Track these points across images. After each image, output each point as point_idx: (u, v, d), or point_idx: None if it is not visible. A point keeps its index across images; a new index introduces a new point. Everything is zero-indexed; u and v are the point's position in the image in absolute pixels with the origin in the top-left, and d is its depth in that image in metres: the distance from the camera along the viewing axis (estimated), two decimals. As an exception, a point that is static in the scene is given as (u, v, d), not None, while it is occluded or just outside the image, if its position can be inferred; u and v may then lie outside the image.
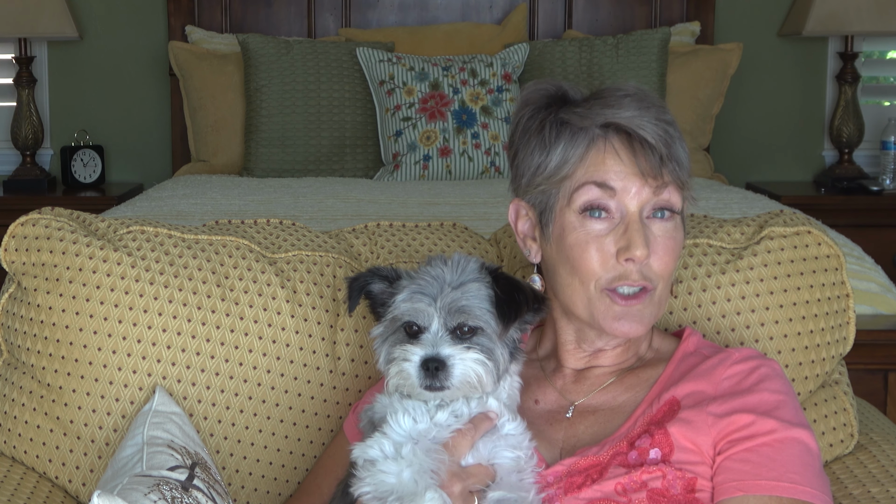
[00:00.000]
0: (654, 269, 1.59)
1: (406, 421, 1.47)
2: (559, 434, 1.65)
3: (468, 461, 1.49)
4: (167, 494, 1.52)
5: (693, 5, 4.85)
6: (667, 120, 1.60)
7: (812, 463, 1.53)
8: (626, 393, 1.66)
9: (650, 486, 1.52)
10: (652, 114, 1.58)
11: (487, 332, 1.48)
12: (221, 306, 1.84)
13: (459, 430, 1.48)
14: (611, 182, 1.57)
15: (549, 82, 1.66)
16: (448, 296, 1.47)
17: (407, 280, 1.52)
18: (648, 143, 1.56)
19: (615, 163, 1.58)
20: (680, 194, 1.61)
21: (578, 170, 1.59)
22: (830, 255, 1.90)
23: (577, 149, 1.60)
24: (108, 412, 1.80)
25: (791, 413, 1.56)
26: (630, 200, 1.58)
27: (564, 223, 1.61)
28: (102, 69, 4.90)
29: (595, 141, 1.59)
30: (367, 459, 1.45)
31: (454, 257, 1.53)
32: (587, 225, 1.59)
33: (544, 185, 1.62)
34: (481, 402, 1.51)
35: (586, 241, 1.59)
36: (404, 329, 1.49)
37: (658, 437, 1.55)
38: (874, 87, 5.14)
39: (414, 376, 1.45)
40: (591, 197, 1.58)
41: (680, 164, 1.59)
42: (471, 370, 1.45)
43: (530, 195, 1.65)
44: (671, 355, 1.68)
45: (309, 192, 3.90)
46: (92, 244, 1.83)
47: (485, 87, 4.39)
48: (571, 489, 1.54)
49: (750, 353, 1.63)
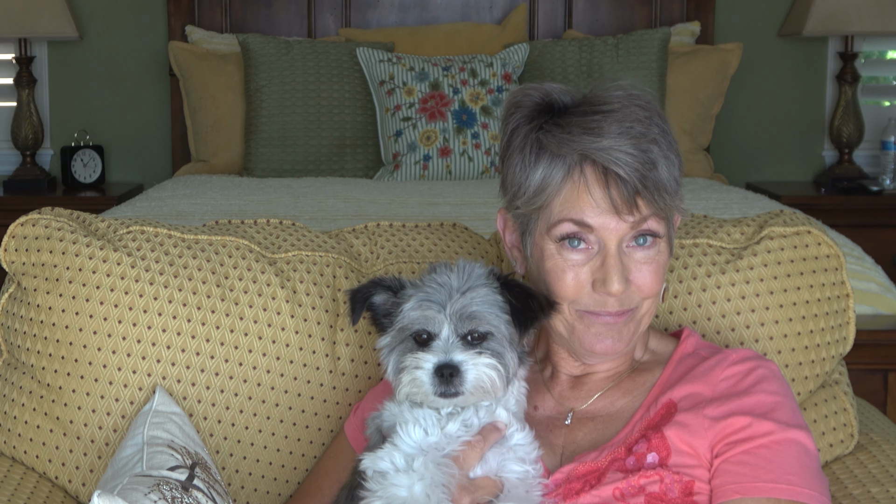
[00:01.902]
0: (637, 293, 1.58)
1: (417, 432, 1.46)
2: (559, 440, 1.65)
3: (477, 473, 1.49)
4: (167, 494, 1.52)
5: (693, 5, 4.85)
6: (650, 137, 1.55)
7: (810, 464, 1.53)
8: (624, 398, 1.66)
9: (648, 490, 1.52)
10: (629, 138, 1.54)
11: (497, 337, 1.48)
12: (221, 306, 1.84)
13: (469, 441, 1.48)
14: (587, 220, 1.56)
15: (535, 88, 1.63)
16: (457, 302, 1.47)
17: (412, 289, 1.51)
18: (621, 178, 1.53)
19: (589, 200, 1.56)
20: (664, 222, 1.59)
21: (555, 201, 1.58)
22: (830, 255, 1.90)
23: (554, 177, 1.57)
24: (108, 412, 1.80)
25: (788, 414, 1.56)
26: (608, 235, 1.56)
27: (543, 248, 1.60)
28: (102, 69, 4.90)
29: (571, 172, 1.57)
30: (377, 471, 1.45)
31: (459, 263, 1.53)
32: (564, 254, 1.58)
33: (523, 209, 1.61)
34: (490, 412, 1.50)
35: (563, 268, 1.58)
36: (413, 338, 1.48)
37: (655, 441, 1.55)
38: (874, 88, 5.14)
39: (427, 383, 1.44)
40: (567, 231, 1.57)
41: (660, 190, 1.55)
42: (484, 375, 1.45)
43: (513, 213, 1.65)
44: (669, 357, 1.68)
45: (309, 192, 3.90)
46: (92, 244, 1.83)
47: (485, 87, 4.40)
48: (570, 495, 1.54)
49: (747, 353, 1.63)
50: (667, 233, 1.60)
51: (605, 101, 1.58)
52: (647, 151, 1.55)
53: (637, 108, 1.57)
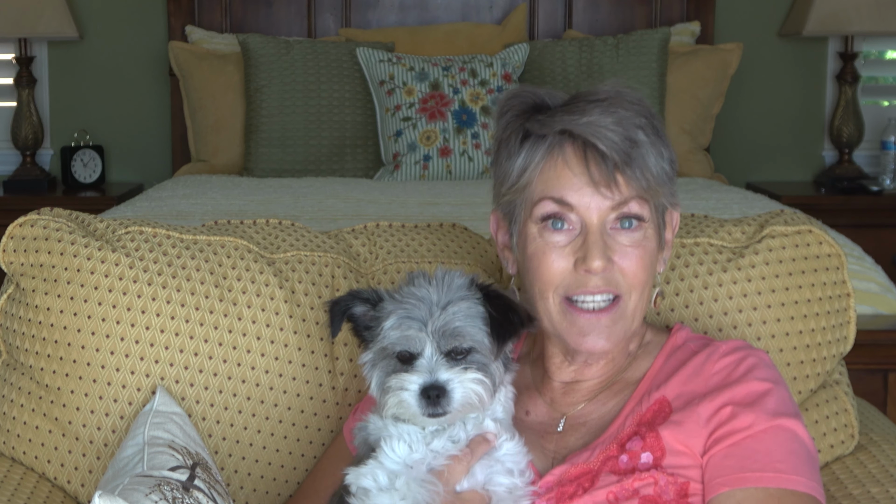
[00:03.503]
0: (622, 278, 1.57)
1: (401, 448, 1.44)
2: (550, 445, 1.63)
3: (463, 486, 1.47)
4: (168, 495, 1.51)
5: (693, 5, 4.85)
6: (637, 123, 1.55)
7: (798, 450, 1.51)
8: (615, 397, 1.64)
9: (642, 493, 1.50)
10: (612, 119, 1.54)
11: (481, 350, 1.46)
12: (220, 306, 1.84)
13: (455, 455, 1.46)
14: (567, 198, 1.56)
15: (528, 90, 1.63)
16: (438, 319, 1.44)
17: (391, 302, 1.48)
18: (600, 151, 1.53)
19: (569, 175, 1.56)
20: (647, 206, 1.57)
21: (536, 180, 1.58)
22: (831, 255, 1.90)
23: (534, 157, 1.58)
24: (107, 413, 1.80)
25: (777, 402, 1.54)
26: (590, 214, 1.55)
27: (527, 234, 1.60)
28: (102, 69, 4.90)
29: (551, 150, 1.57)
30: (360, 487, 1.43)
31: (437, 273, 1.49)
32: (546, 236, 1.58)
33: (509, 194, 1.61)
34: (477, 424, 1.48)
35: (544, 251, 1.58)
36: (396, 356, 1.45)
37: (650, 441, 1.53)
38: (874, 87, 5.14)
39: (414, 405, 1.42)
40: (548, 210, 1.57)
41: (643, 170, 1.55)
42: (471, 391, 1.43)
43: (500, 205, 1.65)
44: (659, 349, 1.66)
45: (309, 192, 3.90)
46: (90, 245, 1.83)
47: (485, 87, 4.39)
48: (563, 499, 1.53)
49: (737, 344, 1.62)
50: (653, 218, 1.59)
51: (594, 93, 1.58)
52: (629, 130, 1.55)
53: (626, 102, 1.57)
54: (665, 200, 1.61)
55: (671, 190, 1.61)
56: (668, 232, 1.65)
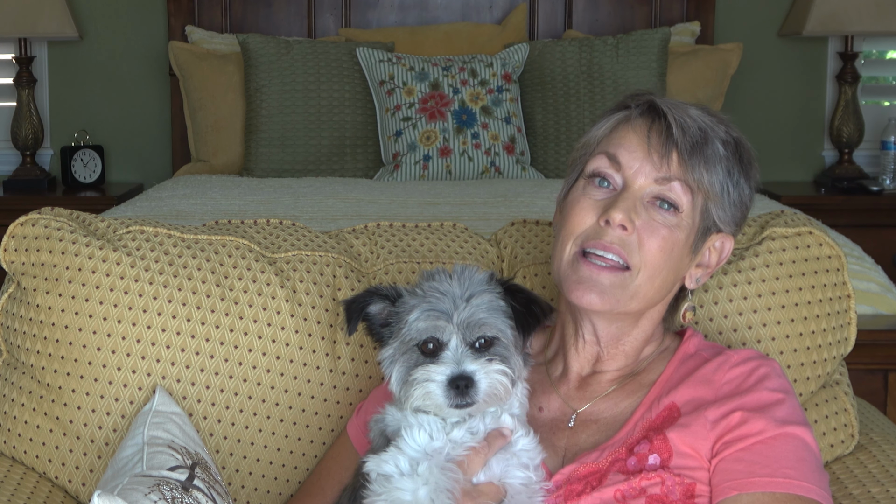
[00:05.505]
0: (637, 249, 1.58)
1: (422, 436, 1.46)
2: (561, 442, 1.65)
3: (480, 479, 1.49)
4: (167, 494, 1.51)
5: (693, 5, 4.85)
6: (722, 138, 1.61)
7: (808, 458, 1.53)
8: (627, 399, 1.65)
9: (649, 492, 1.51)
10: (700, 116, 1.61)
11: (503, 342, 1.48)
12: (221, 306, 1.84)
13: (473, 447, 1.47)
14: (619, 156, 1.61)
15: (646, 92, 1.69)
16: (463, 311, 1.46)
17: (413, 297, 1.50)
18: (668, 125, 1.58)
19: (630, 136, 1.61)
20: (689, 196, 1.59)
21: (604, 139, 1.64)
22: (832, 256, 1.90)
23: (612, 120, 1.65)
24: (108, 412, 1.80)
25: (787, 411, 1.55)
26: (633, 176, 1.60)
27: (575, 186, 1.66)
28: (102, 69, 4.90)
29: (630, 117, 1.63)
30: (381, 474, 1.44)
31: (456, 268, 1.52)
32: (588, 190, 1.63)
33: (578, 152, 1.67)
34: (495, 418, 1.50)
35: (579, 201, 1.62)
36: (419, 348, 1.47)
37: (657, 443, 1.54)
38: (874, 87, 5.14)
39: (441, 395, 1.44)
40: (599, 165, 1.62)
41: (704, 165, 1.59)
42: (496, 382, 1.45)
43: (569, 167, 1.70)
44: (671, 356, 1.68)
45: (309, 192, 3.90)
46: (91, 244, 1.83)
47: (485, 87, 4.39)
48: (571, 497, 1.54)
49: (749, 353, 1.63)
50: (692, 217, 1.61)
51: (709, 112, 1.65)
52: (708, 131, 1.61)
53: (727, 126, 1.66)
54: (717, 216, 1.62)
55: (732, 216, 1.64)
56: (713, 254, 1.67)
